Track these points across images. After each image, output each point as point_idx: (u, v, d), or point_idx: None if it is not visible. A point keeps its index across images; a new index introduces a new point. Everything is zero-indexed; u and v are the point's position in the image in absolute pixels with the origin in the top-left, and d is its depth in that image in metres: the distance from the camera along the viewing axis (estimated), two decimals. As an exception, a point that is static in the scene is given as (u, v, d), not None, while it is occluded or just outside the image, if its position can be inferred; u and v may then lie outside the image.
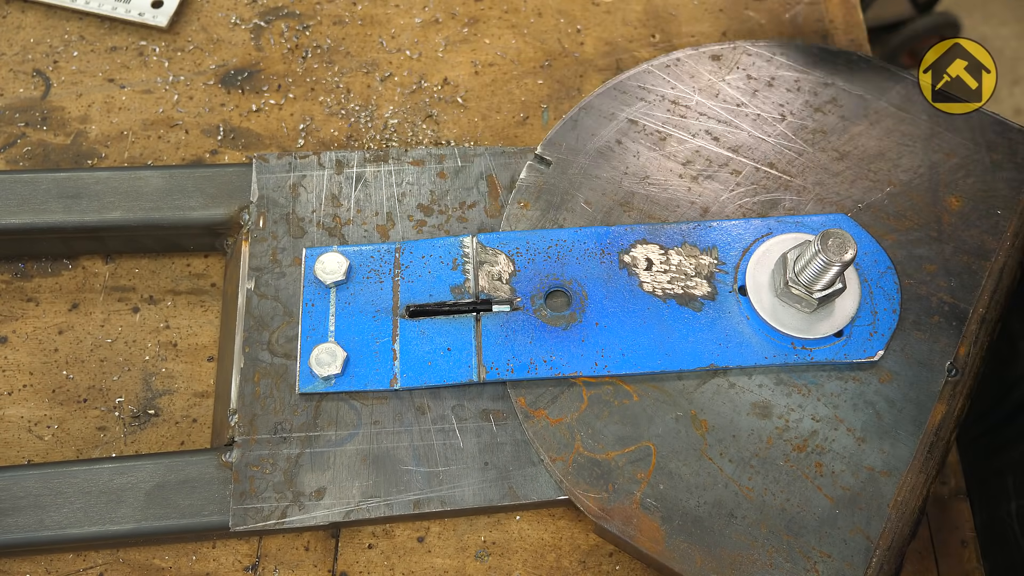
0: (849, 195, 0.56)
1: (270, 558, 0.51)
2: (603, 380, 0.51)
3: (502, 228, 0.56)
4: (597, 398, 0.51)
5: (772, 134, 0.57)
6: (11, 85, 0.64)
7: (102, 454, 0.54)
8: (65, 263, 0.59)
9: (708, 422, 0.51)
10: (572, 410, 0.51)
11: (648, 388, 0.51)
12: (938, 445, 0.51)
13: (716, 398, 0.51)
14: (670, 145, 0.57)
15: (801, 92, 0.59)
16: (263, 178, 0.57)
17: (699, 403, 0.51)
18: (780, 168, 0.57)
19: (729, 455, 0.50)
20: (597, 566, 0.52)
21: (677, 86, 0.59)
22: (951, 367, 0.52)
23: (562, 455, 0.50)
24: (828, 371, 0.52)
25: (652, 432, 0.50)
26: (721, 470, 0.50)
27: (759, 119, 0.58)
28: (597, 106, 0.58)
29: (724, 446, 0.50)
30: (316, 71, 0.65)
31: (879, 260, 0.54)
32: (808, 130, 0.58)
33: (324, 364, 0.50)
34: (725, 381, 0.51)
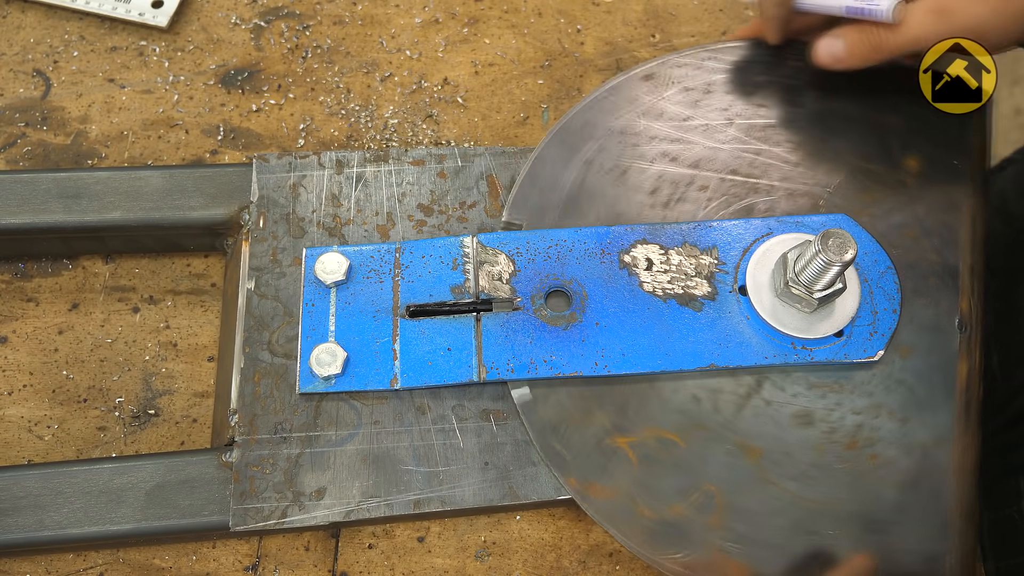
0: (816, 182, 0.56)
1: (270, 558, 0.51)
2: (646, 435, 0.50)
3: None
4: (645, 455, 0.50)
5: (725, 140, 0.57)
6: (11, 85, 0.64)
7: (102, 454, 0.54)
8: (65, 263, 0.59)
9: (758, 447, 0.50)
10: (624, 475, 0.49)
11: (692, 430, 0.50)
12: (972, 402, 0.51)
13: (758, 421, 0.51)
14: (632, 177, 0.56)
15: (739, 91, 0.59)
16: (263, 178, 0.57)
17: (744, 430, 0.50)
18: (744, 173, 0.56)
19: (788, 474, 0.50)
20: (597, 566, 0.52)
21: (620, 115, 0.58)
22: (960, 324, 0.53)
23: (631, 524, 0.49)
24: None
25: (709, 474, 0.49)
26: (786, 490, 0.49)
27: (709, 129, 0.57)
28: (549, 156, 0.57)
29: (781, 466, 0.50)
30: (316, 71, 0.65)
31: (879, 260, 0.54)
32: (758, 127, 0.57)
33: (324, 364, 0.50)
34: (760, 401, 0.51)
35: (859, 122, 0.58)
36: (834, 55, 0.53)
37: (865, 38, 0.51)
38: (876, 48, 0.51)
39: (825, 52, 0.53)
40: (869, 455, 0.50)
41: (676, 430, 0.50)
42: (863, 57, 0.52)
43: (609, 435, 0.50)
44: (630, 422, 0.50)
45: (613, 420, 0.51)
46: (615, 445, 0.50)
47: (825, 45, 0.53)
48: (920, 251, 0.54)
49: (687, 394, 0.51)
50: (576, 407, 0.51)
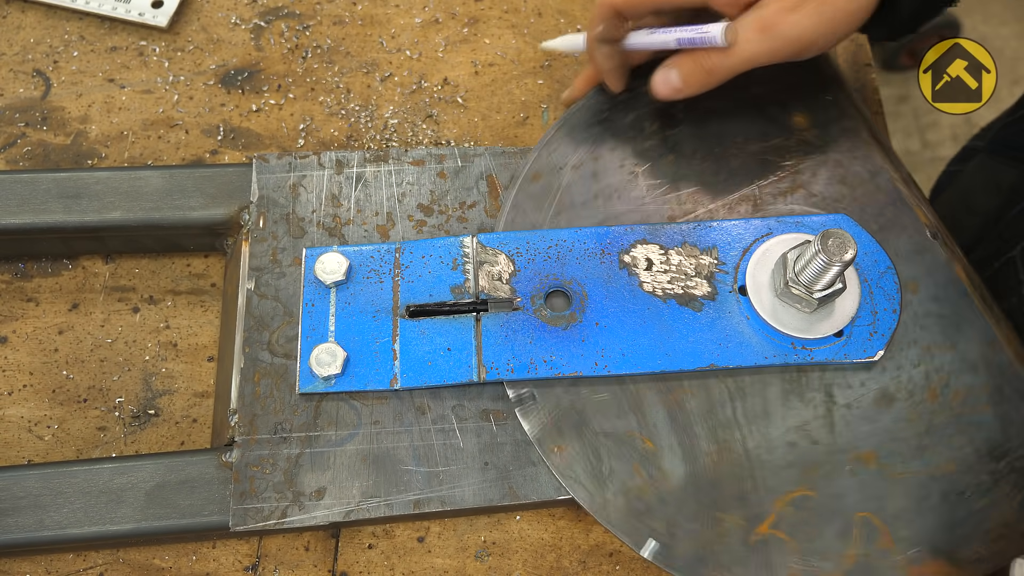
0: (738, 183, 0.56)
1: (270, 558, 0.51)
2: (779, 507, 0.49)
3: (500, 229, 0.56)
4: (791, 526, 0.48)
5: (643, 194, 0.56)
6: (11, 85, 0.64)
7: (102, 454, 0.54)
8: (65, 263, 0.59)
9: (870, 451, 0.50)
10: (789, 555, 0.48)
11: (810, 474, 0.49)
12: (985, 294, 0.54)
13: (851, 428, 0.50)
14: None
15: (621, 143, 0.57)
16: (263, 178, 0.57)
17: (849, 444, 0.50)
18: (680, 213, 0.56)
19: (908, 456, 0.50)
20: (597, 566, 0.52)
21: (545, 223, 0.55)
22: (932, 233, 0.55)
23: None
24: None
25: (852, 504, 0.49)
26: (918, 473, 0.50)
27: (621, 192, 0.56)
28: None
29: (899, 455, 0.50)
30: (316, 71, 0.65)
31: (879, 260, 0.54)
32: (660, 166, 0.57)
33: (324, 364, 0.50)
34: (841, 408, 0.51)
35: (735, 111, 0.58)
36: (672, 86, 0.53)
37: (698, 65, 0.52)
38: (710, 73, 0.52)
39: (662, 85, 0.54)
40: (952, 395, 0.51)
41: (799, 484, 0.49)
42: (700, 84, 0.53)
43: (750, 531, 0.49)
44: (758, 506, 0.49)
45: (743, 514, 0.49)
46: (761, 535, 0.48)
47: (661, 78, 0.54)
48: (860, 191, 0.56)
49: (782, 445, 0.50)
50: (705, 523, 0.49)
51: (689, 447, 0.50)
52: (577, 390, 0.51)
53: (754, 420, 0.51)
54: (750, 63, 0.52)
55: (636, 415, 0.51)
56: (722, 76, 0.53)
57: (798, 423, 0.51)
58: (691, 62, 0.52)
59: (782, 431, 0.50)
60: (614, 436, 0.50)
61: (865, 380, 0.51)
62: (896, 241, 0.55)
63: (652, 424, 0.50)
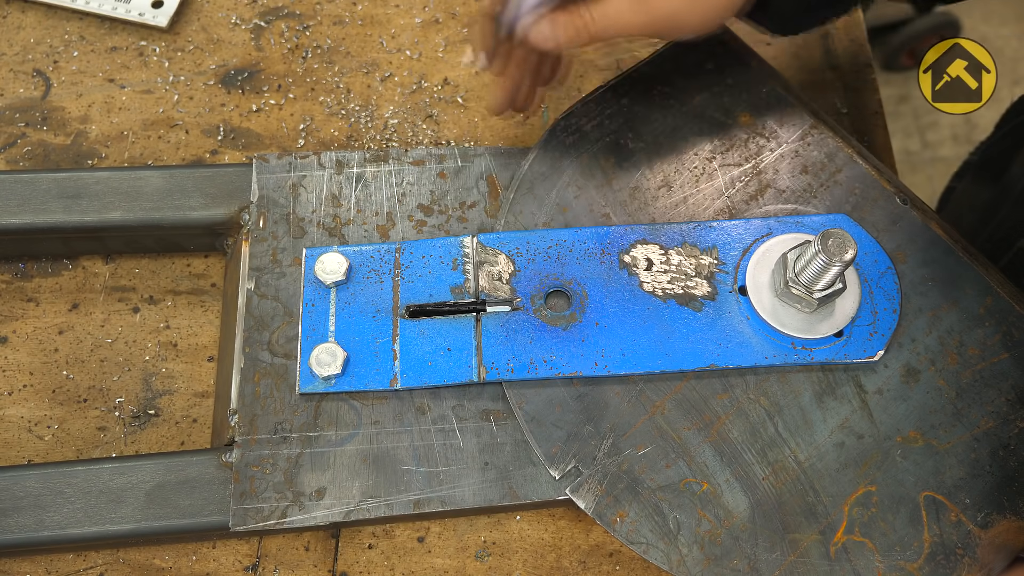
0: (706, 195, 0.56)
1: (270, 558, 0.51)
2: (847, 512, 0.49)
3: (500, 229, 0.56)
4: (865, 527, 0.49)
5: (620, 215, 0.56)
6: (11, 85, 0.64)
7: (102, 454, 0.54)
8: (65, 263, 0.59)
9: (914, 432, 0.51)
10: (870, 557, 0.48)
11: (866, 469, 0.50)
12: (967, 246, 0.55)
13: (888, 411, 0.51)
14: None
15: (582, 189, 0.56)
16: (263, 178, 0.57)
17: (891, 430, 0.51)
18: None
19: (947, 425, 0.51)
20: (597, 566, 0.52)
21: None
22: (901, 199, 0.56)
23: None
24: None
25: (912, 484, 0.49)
26: (962, 438, 0.50)
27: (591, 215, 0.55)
28: None
29: (941, 427, 0.51)
30: (316, 71, 0.65)
31: (879, 260, 0.54)
32: (627, 200, 0.56)
33: (324, 364, 0.50)
34: (875, 396, 0.51)
35: (682, 126, 0.58)
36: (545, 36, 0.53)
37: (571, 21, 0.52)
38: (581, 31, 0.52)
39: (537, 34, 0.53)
40: (968, 352, 0.52)
41: (859, 482, 0.50)
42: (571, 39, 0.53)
43: (827, 543, 0.49)
44: (826, 516, 0.49)
45: (816, 529, 0.49)
46: (839, 543, 0.49)
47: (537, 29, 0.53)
48: (823, 177, 0.57)
49: (831, 449, 0.50)
50: (783, 550, 0.48)
51: (745, 477, 0.50)
52: (619, 450, 0.50)
53: (797, 432, 0.51)
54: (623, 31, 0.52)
55: (684, 459, 0.50)
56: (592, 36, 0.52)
57: (839, 422, 0.51)
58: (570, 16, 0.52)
59: (826, 434, 0.51)
60: (669, 488, 0.50)
61: (887, 361, 0.52)
62: (872, 216, 0.55)
63: (702, 464, 0.50)
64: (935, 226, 0.55)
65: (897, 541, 0.49)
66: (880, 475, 0.50)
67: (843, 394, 0.51)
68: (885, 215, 0.55)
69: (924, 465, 0.50)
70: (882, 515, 0.49)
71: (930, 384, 0.52)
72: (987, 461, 0.50)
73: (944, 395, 0.51)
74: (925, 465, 0.50)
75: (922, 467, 0.50)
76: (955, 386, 0.51)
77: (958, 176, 0.86)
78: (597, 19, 0.52)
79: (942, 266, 0.54)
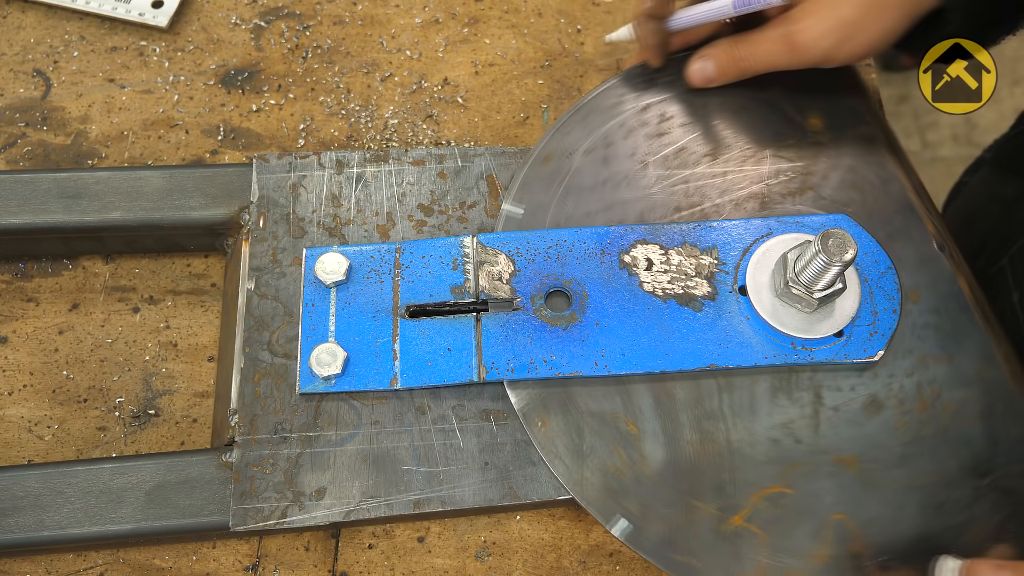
0: (750, 181, 0.56)
1: (270, 558, 0.51)
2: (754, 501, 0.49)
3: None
4: (764, 521, 0.49)
5: (651, 183, 0.56)
6: (11, 85, 0.64)
7: (102, 454, 0.54)
8: (65, 263, 0.59)
9: (853, 457, 0.50)
10: (760, 550, 0.48)
11: (789, 472, 0.49)
12: (987, 309, 0.54)
13: (836, 430, 0.50)
14: None
15: (634, 131, 0.58)
16: (263, 178, 0.57)
17: (832, 446, 0.50)
18: (686, 206, 0.56)
19: (890, 464, 0.50)
20: (597, 566, 0.52)
21: (547, 210, 0.56)
22: (938, 244, 0.54)
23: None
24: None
25: (828, 505, 0.49)
26: (897, 481, 0.49)
27: (630, 180, 0.56)
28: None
29: (882, 461, 0.50)
30: (316, 71, 0.65)
31: (879, 260, 0.54)
32: (671, 156, 0.57)
33: (324, 364, 0.50)
34: (828, 411, 0.51)
35: (751, 109, 0.58)
36: (706, 76, 0.57)
37: (732, 58, 0.56)
38: (742, 72, 0.56)
39: (697, 74, 0.57)
40: (944, 406, 0.51)
41: (777, 480, 0.49)
42: (732, 75, 0.57)
43: (722, 521, 0.49)
44: (733, 498, 0.49)
45: (717, 504, 0.49)
46: (733, 526, 0.49)
47: (697, 68, 0.57)
48: (869, 198, 0.56)
49: (765, 441, 0.50)
50: (677, 511, 0.49)
51: (672, 434, 0.50)
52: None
53: (740, 414, 0.51)
54: (772, 69, 0.55)
55: (623, 398, 0.51)
56: (751, 73, 0.56)
57: (784, 420, 0.51)
58: (726, 54, 0.56)
59: (767, 427, 0.51)
60: (599, 416, 0.51)
61: (856, 385, 0.51)
62: (902, 249, 0.54)
63: (638, 408, 0.51)
64: (963, 282, 0.54)
65: (791, 546, 0.48)
66: (802, 482, 0.49)
67: (799, 398, 0.51)
68: (916, 253, 0.54)
69: (849, 490, 0.49)
70: (787, 518, 0.49)
71: (889, 421, 0.51)
72: (912, 512, 0.49)
73: (898, 436, 0.50)
74: (850, 490, 0.49)
75: (846, 491, 0.49)
76: (913, 432, 0.50)
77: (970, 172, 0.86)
78: (747, 58, 0.55)
79: (952, 319, 0.53)
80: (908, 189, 0.56)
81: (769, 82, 0.57)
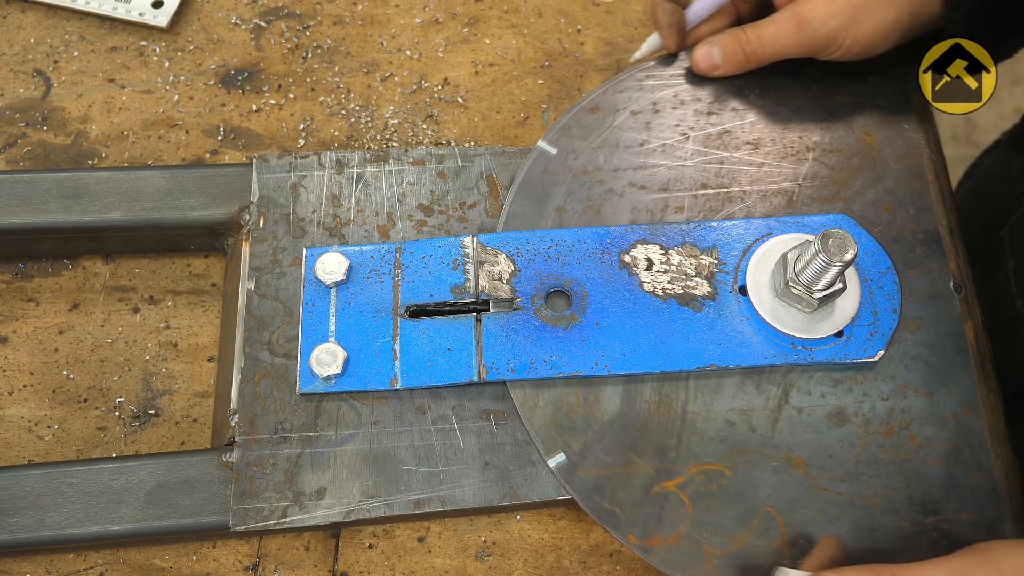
0: (784, 177, 0.57)
1: (270, 558, 0.51)
2: (692, 473, 0.50)
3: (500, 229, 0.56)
4: (696, 493, 0.49)
5: (687, 156, 0.57)
6: (11, 85, 0.64)
7: (102, 454, 0.54)
8: (65, 263, 0.59)
9: (802, 457, 0.50)
10: (681, 519, 0.49)
11: (734, 456, 0.50)
12: (986, 360, 0.53)
13: (795, 431, 0.51)
14: (607, 214, 0.56)
15: (686, 104, 0.59)
16: (263, 178, 0.57)
17: (784, 444, 0.50)
18: (713, 185, 0.56)
19: (837, 476, 0.50)
20: (598, 566, 0.52)
21: (578, 155, 0.57)
22: (955, 286, 0.54)
23: (699, 567, 0.48)
24: None
25: (762, 496, 0.49)
26: (840, 494, 0.49)
27: (667, 149, 0.57)
28: (519, 212, 0.56)
29: (828, 471, 0.50)
30: (316, 71, 0.65)
31: (879, 260, 0.54)
32: (714, 136, 0.58)
33: (324, 364, 0.50)
34: (793, 410, 0.51)
35: (808, 110, 0.59)
36: (711, 61, 0.58)
37: (739, 47, 0.56)
38: (748, 56, 0.56)
39: (703, 60, 0.58)
40: (909, 437, 0.51)
41: (719, 460, 0.50)
42: (737, 65, 0.57)
43: (656, 482, 0.49)
44: (672, 463, 0.50)
45: (655, 466, 0.50)
46: (665, 491, 0.49)
47: (703, 53, 0.58)
48: (900, 223, 0.56)
49: (720, 421, 0.51)
50: (616, 461, 0.50)
51: (632, 390, 0.51)
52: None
53: (703, 390, 0.51)
54: (781, 53, 0.56)
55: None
56: (758, 62, 0.56)
57: (744, 407, 0.51)
58: (733, 43, 0.56)
59: (725, 408, 0.51)
60: None
61: (827, 393, 0.51)
62: (916, 280, 0.54)
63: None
64: (970, 328, 0.53)
65: (714, 523, 0.49)
66: (743, 468, 0.50)
67: (765, 390, 0.51)
68: (929, 286, 0.54)
69: (788, 488, 0.49)
70: (719, 496, 0.49)
71: (849, 435, 0.51)
72: (845, 525, 0.49)
73: (854, 454, 0.50)
74: (789, 489, 0.49)
75: (786, 488, 0.49)
76: (870, 454, 0.50)
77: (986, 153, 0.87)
78: (753, 40, 0.55)
79: (945, 359, 0.52)
80: (942, 225, 0.55)
81: (833, 89, 0.58)
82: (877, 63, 0.58)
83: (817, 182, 0.56)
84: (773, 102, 0.59)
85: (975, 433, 0.51)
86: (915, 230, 0.55)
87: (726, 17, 0.60)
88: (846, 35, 0.53)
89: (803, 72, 0.59)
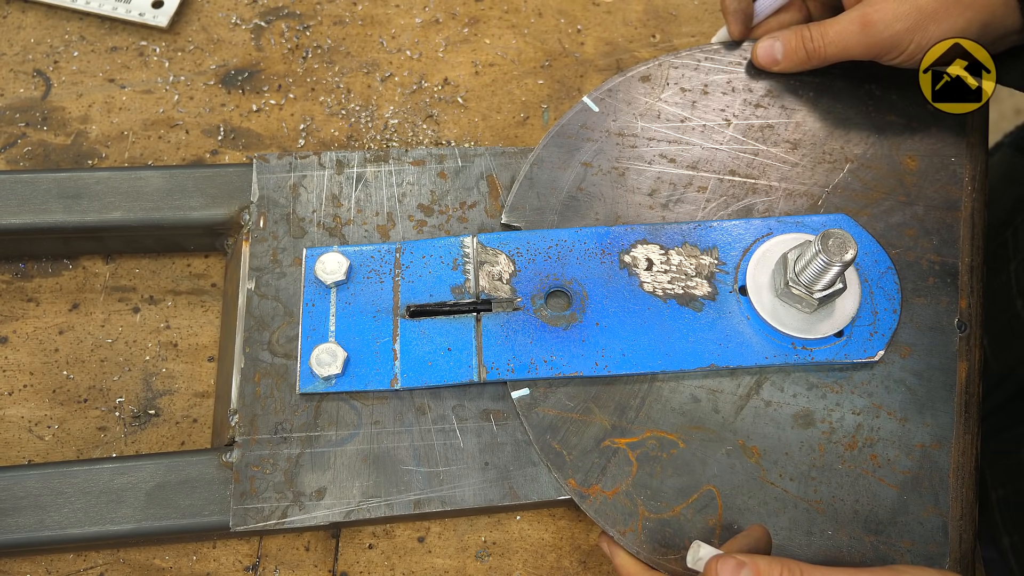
0: (814, 181, 0.56)
1: (270, 558, 0.51)
2: (645, 436, 0.50)
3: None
4: (645, 456, 0.50)
5: (723, 141, 0.57)
6: (11, 85, 0.64)
7: (102, 454, 0.54)
8: (65, 263, 0.59)
9: (758, 448, 0.50)
10: (624, 476, 0.49)
11: (691, 431, 0.50)
12: (972, 402, 0.52)
13: (757, 421, 0.51)
14: (630, 179, 0.56)
15: (736, 92, 0.59)
16: (263, 178, 0.57)
17: (743, 431, 0.51)
18: (742, 173, 0.56)
19: (788, 474, 0.50)
20: (597, 566, 0.52)
21: (618, 118, 0.57)
22: (960, 323, 0.53)
23: (630, 525, 0.49)
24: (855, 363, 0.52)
25: (709, 474, 0.50)
26: (786, 491, 0.50)
27: (706, 130, 0.57)
28: (547, 158, 0.56)
29: (781, 467, 0.50)
30: (316, 71, 0.65)
31: (879, 260, 0.54)
32: (755, 128, 0.58)
33: (324, 364, 0.50)
34: (760, 401, 0.51)
35: (857, 123, 0.58)
36: (772, 57, 0.57)
37: (801, 44, 0.56)
38: (810, 54, 0.56)
39: (764, 54, 0.58)
40: (870, 455, 0.50)
41: (675, 431, 0.51)
42: (798, 62, 0.57)
43: (609, 436, 0.50)
44: (629, 423, 0.51)
45: (613, 421, 0.51)
46: (615, 446, 0.50)
47: (765, 47, 0.57)
48: (920, 250, 0.55)
49: (687, 394, 0.51)
50: (576, 407, 0.51)
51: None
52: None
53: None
54: (845, 53, 0.55)
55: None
56: (819, 61, 0.56)
57: (714, 388, 0.51)
58: (796, 39, 0.56)
59: (695, 384, 0.52)
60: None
61: (799, 394, 0.52)
62: (922, 309, 0.53)
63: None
64: (963, 367, 0.53)
65: (655, 488, 0.49)
66: (696, 445, 0.50)
67: (739, 377, 0.52)
68: (932, 317, 0.53)
69: (737, 474, 0.50)
70: (666, 465, 0.50)
71: (811, 442, 0.51)
72: (782, 521, 0.49)
73: (811, 457, 0.50)
74: (738, 474, 0.50)
75: (734, 474, 0.50)
76: (828, 462, 0.50)
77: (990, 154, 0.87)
78: (817, 38, 0.55)
79: (929, 390, 0.52)
80: (963, 262, 0.55)
81: (888, 109, 0.58)
82: None
83: (846, 193, 0.56)
84: (824, 107, 0.58)
85: (939, 468, 0.50)
86: (933, 260, 0.55)
87: (795, 13, 0.60)
88: (911, 40, 0.53)
89: (862, 87, 0.59)
